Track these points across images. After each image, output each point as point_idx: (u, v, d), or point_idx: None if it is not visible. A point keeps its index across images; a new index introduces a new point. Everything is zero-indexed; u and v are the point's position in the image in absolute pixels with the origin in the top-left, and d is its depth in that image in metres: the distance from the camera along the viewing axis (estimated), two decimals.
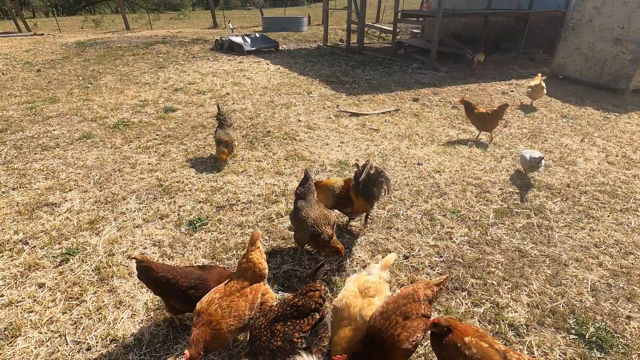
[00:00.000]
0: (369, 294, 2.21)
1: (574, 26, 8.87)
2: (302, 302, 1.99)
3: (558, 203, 4.03)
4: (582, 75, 8.91)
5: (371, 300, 2.18)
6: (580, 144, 5.64)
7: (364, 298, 2.19)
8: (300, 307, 1.98)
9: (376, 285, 2.26)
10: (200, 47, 12.80)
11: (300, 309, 1.98)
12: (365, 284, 2.26)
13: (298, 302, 1.99)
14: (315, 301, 1.99)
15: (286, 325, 1.94)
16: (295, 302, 2.00)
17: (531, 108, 7.24)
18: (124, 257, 3.10)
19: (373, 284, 2.25)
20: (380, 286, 2.28)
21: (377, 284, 2.27)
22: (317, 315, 1.98)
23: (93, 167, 4.57)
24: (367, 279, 2.30)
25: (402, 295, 2.10)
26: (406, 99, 7.66)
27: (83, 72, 9.14)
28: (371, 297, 2.19)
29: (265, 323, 1.99)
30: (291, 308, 1.99)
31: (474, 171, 4.71)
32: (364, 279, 2.30)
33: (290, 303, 2.01)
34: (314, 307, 1.98)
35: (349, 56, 12.13)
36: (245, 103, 7.10)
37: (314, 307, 1.98)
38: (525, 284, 2.90)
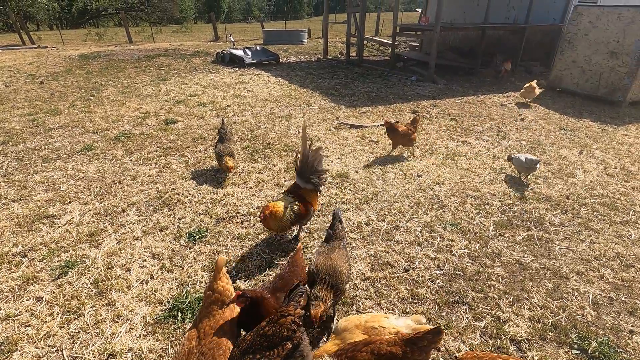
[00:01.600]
0: (370, 334, 2.02)
1: (570, 39, 9.02)
2: (272, 331, 1.81)
3: (558, 215, 4.03)
4: (579, 88, 9.01)
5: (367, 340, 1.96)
6: (578, 155, 5.67)
7: (362, 334, 2.03)
8: (271, 337, 1.80)
9: (383, 331, 2.03)
10: (201, 59, 12.97)
11: (271, 338, 1.79)
12: (375, 323, 2.07)
13: (268, 330, 1.81)
14: (287, 328, 1.80)
15: (255, 358, 1.76)
16: (265, 332, 1.82)
17: (529, 108, 7.31)
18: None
19: (383, 329, 2.02)
20: (387, 336, 2.01)
21: (385, 331, 2.02)
22: (289, 344, 1.78)
23: (93, 179, 4.58)
24: (383, 322, 2.08)
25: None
26: (405, 111, 7.73)
27: (85, 85, 9.24)
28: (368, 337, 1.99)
29: (237, 354, 1.83)
30: (261, 338, 1.81)
31: (473, 183, 4.72)
32: (380, 319, 2.10)
33: (261, 332, 1.83)
34: (286, 334, 1.79)
35: (349, 69, 12.29)
36: (245, 115, 7.15)
37: (286, 335, 1.79)
38: (527, 298, 2.89)
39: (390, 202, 4.23)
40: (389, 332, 2.00)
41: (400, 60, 13.33)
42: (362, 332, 2.04)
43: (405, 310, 2.76)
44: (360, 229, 3.71)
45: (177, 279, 3.01)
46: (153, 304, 2.75)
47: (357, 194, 4.37)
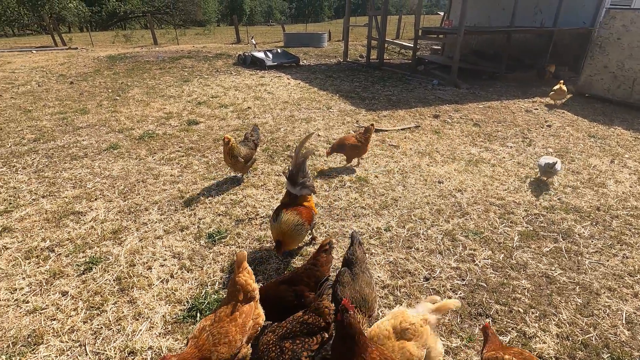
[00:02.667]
0: (405, 336, 1.89)
1: (601, 44, 8.67)
2: (312, 320, 1.98)
3: (587, 227, 3.86)
4: (610, 94, 8.65)
5: (405, 345, 1.87)
6: (609, 165, 5.43)
7: (398, 340, 1.89)
8: (310, 325, 1.97)
9: (416, 328, 1.92)
10: (223, 61, 13.18)
11: (310, 326, 1.97)
12: (404, 323, 1.93)
13: (308, 319, 1.98)
14: (325, 319, 1.97)
15: (295, 343, 1.92)
16: (305, 320, 1.99)
17: (556, 114, 7.06)
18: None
19: (413, 326, 1.92)
20: (422, 330, 1.93)
21: (417, 326, 1.93)
22: (327, 334, 1.96)
23: (118, 177, 4.70)
24: (408, 317, 1.96)
25: None
26: (426, 115, 7.61)
27: (112, 85, 9.54)
28: (406, 341, 1.89)
29: (274, 339, 1.97)
30: (301, 325, 1.98)
31: (497, 191, 4.58)
32: (403, 317, 1.97)
33: (300, 320, 2.00)
34: (323, 325, 1.97)
35: (369, 72, 12.22)
36: (266, 117, 7.21)
37: (324, 326, 1.96)
38: (554, 313, 2.76)
39: (411, 208, 4.15)
40: (419, 326, 1.95)
41: (422, 63, 13.16)
42: (396, 338, 1.92)
43: None
44: (379, 235, 3.66)
45: (196, 279, 3.04)
46: (173, 303, 2.79)
47: (377, 199, 4.32)
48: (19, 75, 10.55)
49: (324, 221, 3.87)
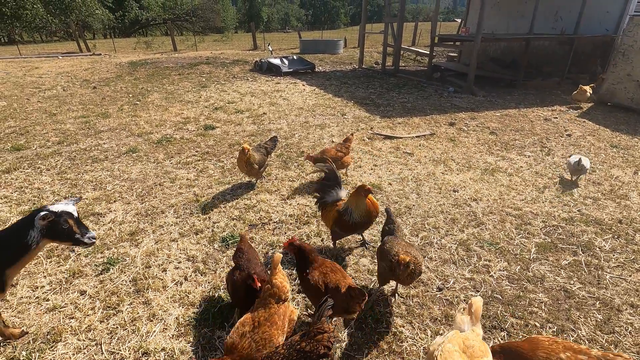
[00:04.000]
0: (476, 354, 1.84)
1: (624, 52, 8.45)
2: (309, 347, 1.82)
3: (609, 240, 3.74)
4: (634, 103, 8.40)
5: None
6: (633, 176, 5.25)
7: (472, 359, 1.84)
8: (308, 353, 1.81)
9: (480, 343, 1.91)
10: (240, 67, 13.41)
11: (308, 354, 1.81)
12: (467, 342, 1.90)
13: (305, 346, 1.83)
14: (324, 345, 1.82)
15: None
16: (302, 347, 1.83)
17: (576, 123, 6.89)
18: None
19: (476, 343, 1.89)
20: (485, 345, 1.92)
21: (479, 341, 1.92)
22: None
23: (136, 180, 4.83)
24: (466, 337, 1.94)
25: None
26: (442, 123, 7.54)
27: (133, 90, 9.82)
28: (480, 358, 1.85)
29: None
30: (298, 353, 1.82)
31: (513, 201, 4.49)
32: (461, 337, 1.94)
33: (297, 347, 1.84)
34: (322, 352, 1.81)
35: (384, 79, 12.22)
36: (280, 123, 7.28)
37: (323, 353, 1.81)
38: (573, 329, 2.68)
39: (425, 216, 4.11)
40: (481, 343, 1.92)
41: (438, 71, 13.07)
42: (468, 358, 1.87)
43: (439, 332, 2.64)
44: None
45: (209, 282, 3.08)
46: (186, 305, 2.83)
47: (390, 207, 4.29)
48: (45, 80, 10.99)
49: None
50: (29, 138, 6.23)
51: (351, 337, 2.59)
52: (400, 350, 2.50)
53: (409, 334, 2.61)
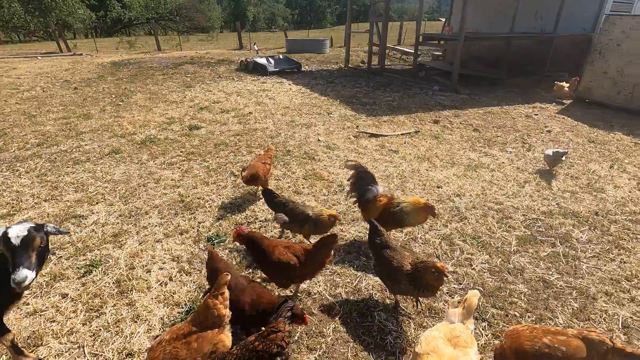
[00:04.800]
0: (461, 343, 1.89)
1: (601, 50, 8.71)
2: (262, 347, 1.83)
3: (586, 232, 3.87)
4: (610, 100, 8.67)
5: (466, 352, 1.86)
6: (609, 170, 5.43)
7: (455, 348, 1.88)
8: (260, 352, 1.82)
9: (467, 335, 1.95)
10: (226, 67, 13.31)
11: (260, 354, 1.82)
12: (453, 332, 1.95)
13: (258, 346, 1.84)
14: (277, 344, 1.83)
15: None
16: (255, 347, 1.84)
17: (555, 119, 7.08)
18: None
19: (462, 333, 1.94)
20: (471, 338, 1.96)
21: (467, 334, 1.96)
22: (279, 359, 1.84)
23: (120, 181, 4.76)
24: (454, 327, 1.99)
25: None
26: (426, 120, 7.65)
27: (116, 90, 9.65)
28: (464, 348, 1.88)
29: None
30: (250, 353, 1.83)
31: (495, 196, 4.60)
32: (448, 327, 2.00)
33: (249, 347, 1.85)
34: (275, 351, 1.82)
35: (370, 77, 12.30)
36: (266, 122, 7.27)
37: (275, 352, 1.82)
38: (550, 317, 2.77)
39: None
40: (469, 336, 1.96)
41: (423, 69, 13.23)
42: (450, 344, 1.92)
43: (422, 324, 2.70)
44: None
45: (195, 282, 3.07)
46: (171, 305, 2.81)
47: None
48: (24, 81, 10.70)
49: None
50: (6, 140, 6.07)
51: (336, 331, 2.62)
52: (385, 343, 2.54)
53: (393, 327, 2.66)
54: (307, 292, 2.98)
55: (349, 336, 2.59)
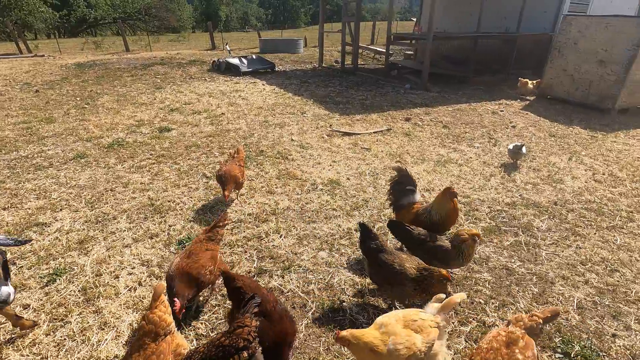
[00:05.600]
0: (412, 327, 1.99)
1: (559, 48, 9.17)
2: (228, 342, 1.83)
3: (545, 221, 4.08)
4: (569, 96, 9.14)
5: (411, 334, 1.96)
6: (567, 162, 5.74)
7: (405, 329, 1.99)
8: (227, 347, 1.82)
9: (423, 323, 2.01)
10: (197, 68, 13.08)
11: (227, 348, 1.81)
12: (413, 316, 2.04)
13: (224, 341, 1.84)
14: (243, 338, 1.83)
15: None
16: (221, 342, 1.85)
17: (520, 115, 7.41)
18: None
19: (421, 321, 2.02)
20: (429, 327, 2.00)
21: (426, 323, 2.02)
22: (245, 353, 1.82)
23: (85, 186, 4.60)
24: (418, 314, 2.07)
25: None
26: (398, 118, 7.81)
27: (81, 93, 9.29)
28: (413, 332, 1.97)
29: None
30: (217, 349, 1.83)
31: (463, 189, 4.77)
32: (413, 312, 2.09)
33: (216, 343, 1.86)
34: (242, 345, 1.82)
35: (344, 77, 12.42)
36: (239, 123, 7.21)
37: (242, 346, 1.82)
38: (512, 302, 2.91)
39: (381, 208, 4.26)
40: (428, 324, 2.02)
41: (395, 68, 13.49)
42: (402, 325, 2.02)
43: None
44: (349, 236, 3.74)
45: None
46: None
47: (348, 201, 4.41)
48: None
49: (296, 223, 3.92)
50: None
51: (308, 327, 2.66)
52: None
53: (364, 320, 2.72)
54: (279, 291, 3.00)
55: (321, 331, 2.63)
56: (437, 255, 2.83)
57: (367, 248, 2.76)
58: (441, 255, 2.83)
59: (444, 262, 2.82)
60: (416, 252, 2.91)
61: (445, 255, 2.82)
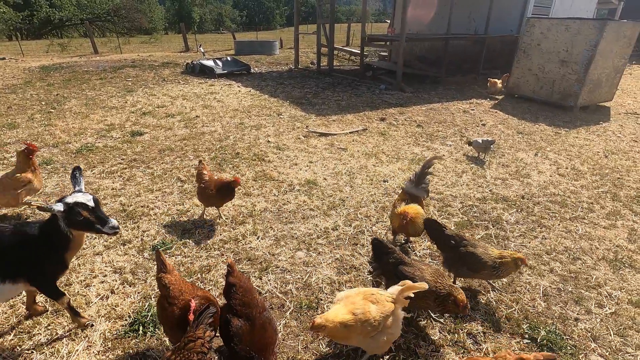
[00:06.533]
0: (370, 299, 2.20)
1: (525, 49, 9.59)
2: (180, 358, 1.72)
3: (514, 214, 4.26)
4: (535, 94, 9.57)
5: (368, 304, 2.16)
6: (534, 157, 6.01)
7: (364, 300, 2.19)
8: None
9: (380, 297, 2.21)
10: (170, 70, 12.81)
11: None
12: (372, 291, 2.26)
13: (175, 359, 1.73)
14: (197, 352, 1.72)
15: None
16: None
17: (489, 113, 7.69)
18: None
19: (379, 295, 2.22)
20: (385, 301, 2.19)
21: (383, 297, 2.21)
22: None
23: (52, 194, 4.42)
24: (378, 291, 2.28)
25: None
26: (373, 118, 7.93)
27: (46, 97, 8.91)
28: (370, 302, 2.18)
29: None
30: None
31: (436, 186, 4.90)
32: (373, 289, 2.30)
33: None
34: (196, 359, 1.72)
35: (320, 78, 12.48)
36: (214, 125, 7.12)
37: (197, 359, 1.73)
38: (483, 293, 3.03)
39: (357, 207, 4.33)
40: (385, 298, 2.21)
41: (370, 69, 13.67)
42: (362, 298, 2.21)
43: None
44: (327, 235, 3.78)
45: (139, 292, 2.95)
46: (113, 319, 2.69)
47: (325, 201, 4.45)
48: None
49: (273, 225, 3.92)
50: None
51: (287, 326, 2.67)
52: None
53: None
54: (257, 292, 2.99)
55: (299, 330, 2.64)
56: (466, 261, 2.79)
57: (385, 263, 2.66)
58: (471, 262, 2.77)
59: (472, 270, 2.80)
60: (447, 254, 2.93)
61: (476, 264, 2.75)
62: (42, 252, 2.28)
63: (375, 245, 2.77)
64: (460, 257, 2.82)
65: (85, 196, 2.27)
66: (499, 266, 2.71)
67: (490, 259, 2.74)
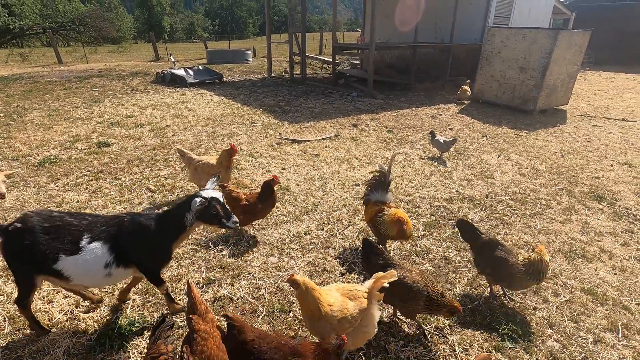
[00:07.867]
0: (347, 295, 2.27)
1: (487, 57, 10.09)
2: None
3: (478, 212, 4.46)
4: (497, 99, 10.06)
5: (346, 300, 2.24)
6: (497, 159, 6.32)
7: (342, 296, 2.26)
8: None
9: (358, 293, 2.28)
10: (140, 80, 12.55)
11: None
12: (350, 287, 2.34)
13: None
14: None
15: None
16: None
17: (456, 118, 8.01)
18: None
19: (356, 291, 2.30)
20: (362, 297, 2.26)
21: (360, 293, 2.29)
22: None
23: (11, 209, 4.23)
24: (355, 286, 2.35)
25: None
26: (346, 125, 8.09)
27: (5, 109, 8.51)
28: (347, 299, 2.25)
29: None
30: None
31: (406, 189, 5.06)
32: (352, 285, 2.37)
33: None
34: None
35: (293, 86, 12.59)
36: (186, 135, 7.04)
37: None
38: (450, 288, 3.15)
39: (330, 211, 4.40)
40: (362, 294, 2.29)
41: (342, 77, 13.94)
42: (340, 294, 2.29)
43: None
44: (299, 239, 3.81)
45: (106, 305, 2.87)
46: (78, 334, 2.60)
47: (298, 206, 4.49)
48: None
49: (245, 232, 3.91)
50: None
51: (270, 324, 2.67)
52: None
53: None
54: (229, 299, 2.98)
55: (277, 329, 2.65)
56: (495, 266, 2.78)
57: (373, 265, 2.63)
58: (498, 266, 2.76)
59: (507, 281, 2.81)
60: (479, 256, 2.92)
61: (507, 272, 2.73)
62: (155, 241, 2.46)
63: (365, 245, 2.75)
64: (491, 259, 2.79)
65: (217, 192, 2.53)
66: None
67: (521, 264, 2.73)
